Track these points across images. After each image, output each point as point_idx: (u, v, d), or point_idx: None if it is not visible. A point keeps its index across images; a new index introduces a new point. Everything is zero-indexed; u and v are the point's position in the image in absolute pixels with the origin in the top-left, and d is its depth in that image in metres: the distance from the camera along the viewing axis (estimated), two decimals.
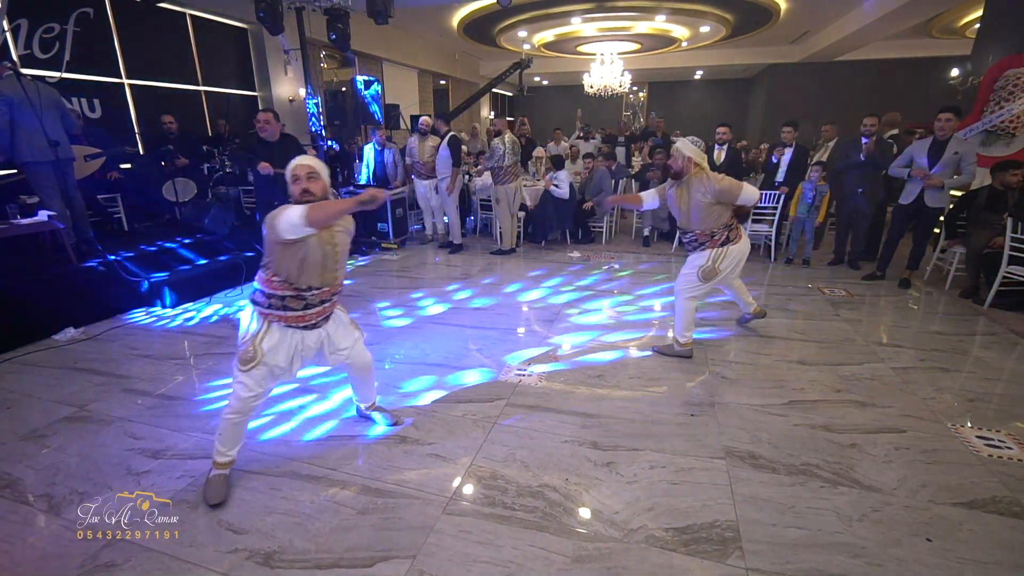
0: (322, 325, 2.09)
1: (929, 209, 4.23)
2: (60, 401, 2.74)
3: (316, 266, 1.91)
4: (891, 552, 1.74)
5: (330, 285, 2.01)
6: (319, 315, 2.03)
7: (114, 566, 1.69)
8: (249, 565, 1.69)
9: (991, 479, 2.09)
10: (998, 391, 2.82)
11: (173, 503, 1.97)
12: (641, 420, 2.54)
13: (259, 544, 1.78)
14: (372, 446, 2.35)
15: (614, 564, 1.70)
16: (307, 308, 1.97)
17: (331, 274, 1.99)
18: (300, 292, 1.93)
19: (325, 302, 2.02)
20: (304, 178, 1.90)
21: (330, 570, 1.68)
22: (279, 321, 1.95)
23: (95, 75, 5.76)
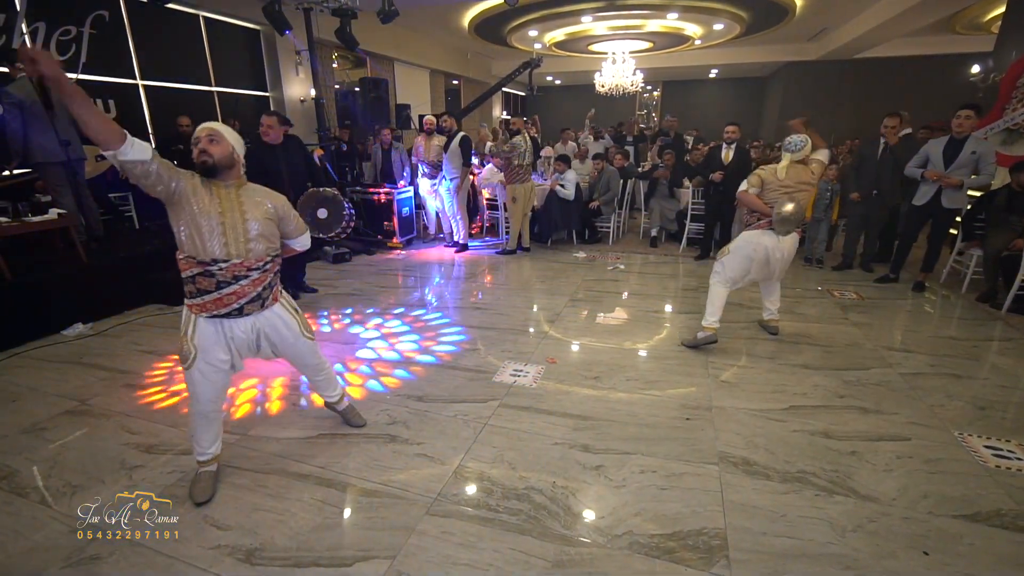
0: (251, 313, 1.93)
1: (944, 210, 4.09)
2: (63, 395, 2.80)
3: (214, 234, 1.78)
4: (885, 564, 1.68)
5: (241, 258, 1.84)
6: (237, 296, 1.86)
7: (98, 559, 1.71)
8: (230, 561, 1.70)
9: (997, 491, 2.01)
10: (1012, 399, 2.71)
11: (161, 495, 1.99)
12: (635, 423, 2.50)
13: (241, 540, 1.78)
14: (362, 444, 2.35)
15: (595, 570, 1.66)
16: (220, 288, 1.83)
17: (238, 245, 1.83)
18: (206, 267, 1.80)
19: (240, 279, 1.85)
20: (204, 139, 1.79)
21: (309, 568, 1.68)
22: (202, 312, 1.86)
23: (110, 76, 5.88)
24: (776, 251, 3.13)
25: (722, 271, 3.28)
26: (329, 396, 2.44)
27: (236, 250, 1.83)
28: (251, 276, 1.88)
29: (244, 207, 1.86)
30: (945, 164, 3.95)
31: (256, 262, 1.89)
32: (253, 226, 1.86)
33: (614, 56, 11.06)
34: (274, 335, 2.06)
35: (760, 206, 3.12)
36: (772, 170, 3.15)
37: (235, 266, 1.84)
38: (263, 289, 1.95)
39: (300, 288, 4.56)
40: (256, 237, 1.87)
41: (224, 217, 1.80)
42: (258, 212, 1.88)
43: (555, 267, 5.41)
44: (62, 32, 5.39)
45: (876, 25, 9.76)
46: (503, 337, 3.57)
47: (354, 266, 5.56)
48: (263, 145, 4.19)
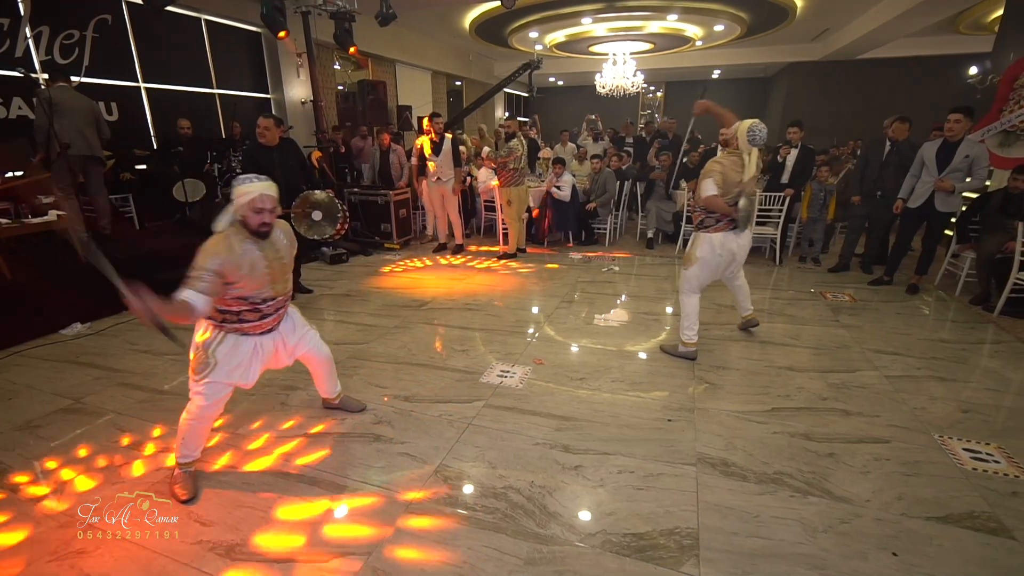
0: (277, 328, 2.14)
1: (938, 213, 4.09)
2: (58, 393, 2.86)
3: (266, 280, 1.96)
4: (852, 565, 1.70)
5: (283, 294, 2.07)
6: (276, 320, 2.10)
7: (84, 552, 1.76)
8: (210, 556, 1.75)
9: (971, 493, 2.02)
10: (995, 403, 2.72)
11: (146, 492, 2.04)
12: (617, 424, 2.53)
13: (223, 536, 1.83)
14: (346, 443, 2.39)
15: (566, 568, 1.69)
16: (264, 318, 2.03)
17: (282, 284, 2.05)
18: (256, 306, 1.98)
19: (280, 308, 2.09)
20: (268, 211, 1.91)
21: (286, 564, 1.72)
22: (235, 332, 2.00)
23: (113, 79, 5.97)
24: (741, 249, 3.12)
25: (692, 281, 3.19)
26: (332, 392, 2.57)
27: (282, 288, 2.05)
28: (288, 303, 2.14)
29: (280, 251, 2.02)
30: (939, 167, 3.95)
31: (291, 290, 2.12)
32: (288, 263, 2.07)
33: (615, 57, 11.07)
34: (290, 335, 2.23)
35: (725, 209, 3.00)
36: (734, 167, 2.96)
37: (280, 300, 2.06)
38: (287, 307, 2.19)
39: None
40: (291, 269, 2.10)
41: (271, 264, 1.97)
42: (289, 249, 2.08)
43: (550, 269, 5.44)
44: (65, 36, 5.49)
45: (878, 26, 9.71)
46: (493, 338, 3.60)
47: (351, 267, 5.61)
48: (259, 146, 4.25)
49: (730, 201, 2.98)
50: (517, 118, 5.63)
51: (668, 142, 7.25)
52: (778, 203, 5.31)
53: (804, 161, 5.25)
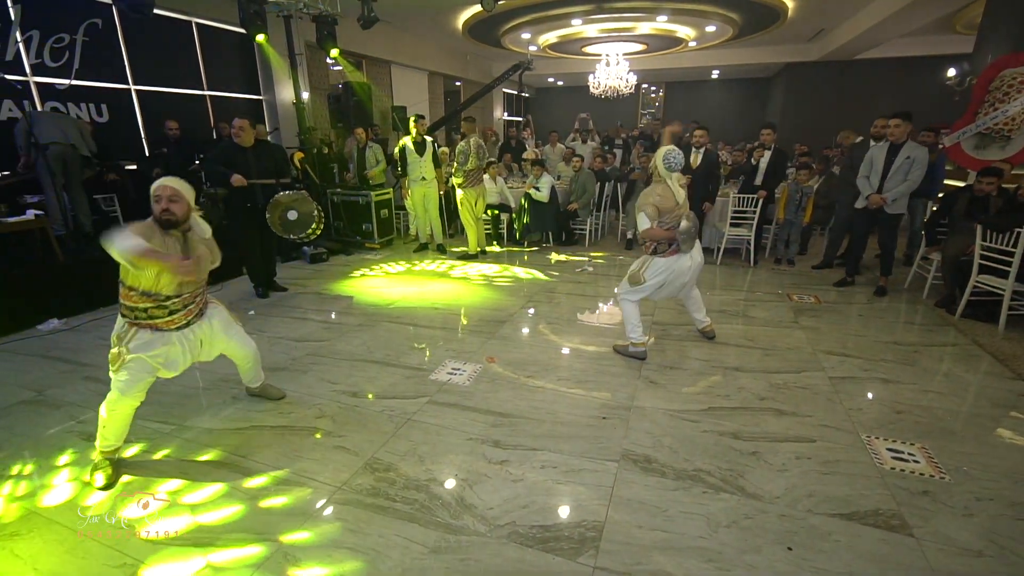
0: (194, 323, 2.21)
1: (888, 216, 4.13)
2: (23, 386, 2.98)
3: (172, 278, 2.02)
4: (745, 559, 1.75)
5: (190, 291, 2.13)
6: (187, 316, 2.16)
7: (17, 535, 1.86)
8: (135, 541, 1.84)
9: (882, 492, 2.06)
10: (932, 404, 2.74)
11: (85, 482, 2.14)
12: (552, 421, 2.59)
13: (153, 521, 1.92)
14: (285, 436, 2.48)
15: (468, 556, 1.77)
16: (172, 314, 2.10)
17: (189, 285, 2.10)
18: (161, 303, 2.05)
19: (189, 305, 2.15)
20: (165, 199, 2.00)
21: (206, 548, 1.81)
22: (147, 328, 2.09)
23: (103, 82, 6.12)
24: (694, 265, 3.17)
25: (635, 295, 3.22)
26: (254, 383, 2.70)
27: (188, 286, 2.10)
28: (197, 300, 2.19)
29: (196, 252, 2.09)
30: (885, 169, 3.98)
31: (200, 288, 2.17)
32: (204, 262, 2.12)
33: (608, 58, 11.10)
34: (211, 329, 2.31)
35: (666, 235, 3.04)
36: (666, 195, 3.02)
37: (187, 297, 2.12)
38: (202, 303, 2.25)
39: (271, 287, 4.72)
40: (204, 275, 2.16)
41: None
42: (205, 253, 2.14)
43: (521, 269, 5.50)
44: (55, 40, 5.63)
45: (873, 25, 9.66)
46: (452, 337, 3.68)
47: (330, 266, 5.72)
48: (234, 146, 4.36)
49: (671, 224, 3.03)
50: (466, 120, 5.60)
51: (652, 144, 7.27)
52: (752, 205, 5.34)
53: (777, 163, 5.27)
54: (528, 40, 11.40)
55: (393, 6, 7.47)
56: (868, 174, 4.16)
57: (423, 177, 5.79)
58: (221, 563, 1.74)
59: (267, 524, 1.91)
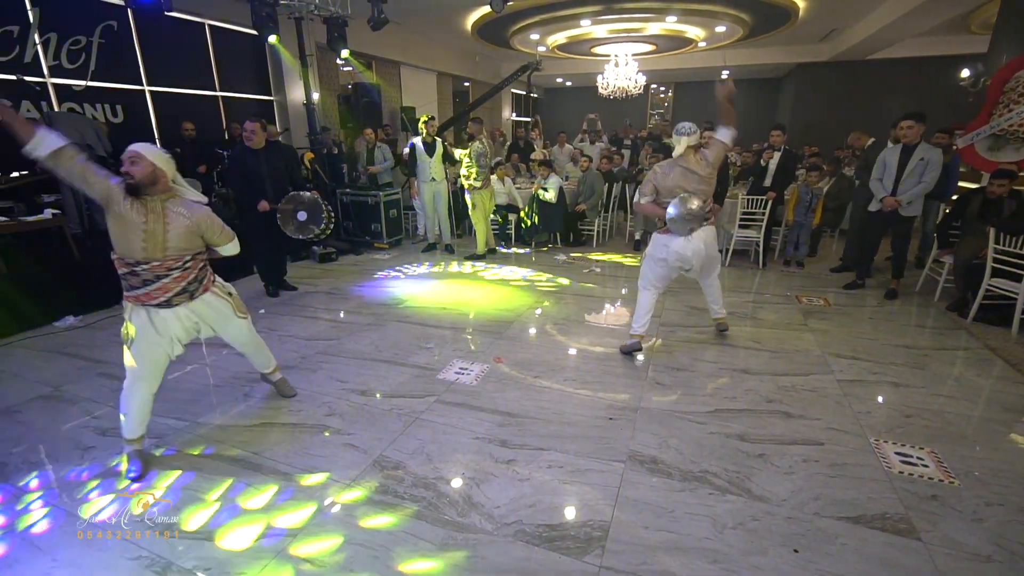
0: (178, 304, 2.19)
1: (902, 218, 4.09)
2: (41, 381, 3.05)
3: (136, 239, 2.02)
4: (751, 560, 1.76)
5: (159, 261, 2.07)
6: (163, 291, 2.11)
7: (36, 527, 1.91)
8: (149, 534, 1.88)
9: (890, 496, 2.06)
10: (942, 408, 2.72)
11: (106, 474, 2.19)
12: (559, 421, 2.61)
13: (164, 516, 1.96)
14: (296, 433, 2.51)
15: (475, 554, 1.79)
16: (146, 284, 2.08)
17: (156, 249, 2.06)
18: (131, 267, 2.05)
19: (162, 277, 2.09)
20: (127, 160, 2.02)
21: (218, 542, 1.85)
22: (135, 302, 2.14)
23: (118, 83, 6.22)
24: (687, 250, 3.10)
25: (644, 277, 3.34)
26: (265, 369, 2.74)
27: (154, 254, 2.07)
28: (172, 275, 2.14)
29: (167, 218, 2.09)
30: (899, 171, 3.95)
31: (174, 263, 2.13)
32: (172, 236, 2.10)
33: (616, 58, 11.08)
34: (210, 319, 2.36)
35: (652, 211, 3.13)
36: (665, 172, 3.07)
37: (155, 266, 2.09)
38: (188, 284, 2.20)
39: (281, 286, 4.77)
40: (174, 245, 2.11)
41: (148, 225, 2.04)
42: (179, 223, 2.12)
43: (529, 269, 5.51)
44: (72, 42, 5.74)
45: (885, 25, 9.56)
46: (458, 336, 3.71)
47: (340, 265, 5.77)
48: (246, 149, 4.41)
49: (665, 203, 3.07)
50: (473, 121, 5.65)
51: (661, 144, 7.26)
52: (761, 206, 5.31)
53: (786, 164, 5.24)
54: (537, 41, 11.41)
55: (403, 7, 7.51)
56: (881, 176, 4.13)
57: (432, 178, 5.82)
58: (231, 556, 1.78)
59: (278, 519, 1.94)
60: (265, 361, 2.71)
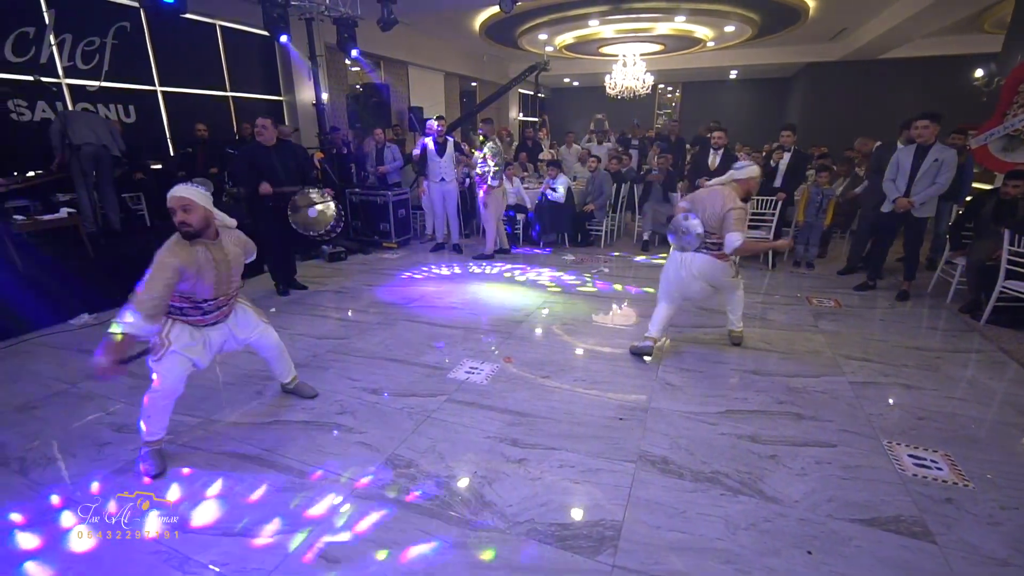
0: (223, 322, 2.31)
1: (914, 219, 4.06)
2: (57, 378, 3.09)
3: (211, 283, 2.11)
4: (764, 561, 1.75)
5: (225, 295, 2.21)
6: (218, 316, 2.26)
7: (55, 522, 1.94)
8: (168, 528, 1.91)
9: (904, 498, 2.05)
10: (955, 411, 2.70)
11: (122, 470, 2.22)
12: (569, 421, 2.61)
13: (182, 511, 1.99)
14: (309, 431, 2.53)
15: (488, 552, 1.80)
16: (205, 315, 2.19)
17: (225, 286, 2.19)
18: (197, 304, 2.14)
19: (222, 307, 2.24)
20: (179, 210, 2.03)
21: (236, 537, 1.87)
22: (182, 322, 2.18)
23: (131, 83, 6.30)
24: (682, 269, 3.17)
25: (660, 287, 3.40)
26: (286, 378, 2.76)
27: (223, 290, 2.19)
28: (230, 302, 2.29)
29: (228, 255, 2.18)
30: (913, 171, 3.92)
31: (235, 291, 2.28)
32: (236, 269, 2.23)
33: (624, 59, 11.06)
34: (239, 327, 2.41)
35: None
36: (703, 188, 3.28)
37: (221, 300, 2.22)
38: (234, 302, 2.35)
39: (291, 285, 4.81)
40: (238, 275, 2.25)
41: (218, 268, 2.12)
42: (238, 253, 2.24)
43: (538, 269, 5.52)
44: (87, 43, 5.81)
45: (896, 24, 9.49)
46: (469, 336, 3.72)
47: (348, 265, 5.81)
48: (258, 146, 4.45)
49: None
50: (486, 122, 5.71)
51: (669, 145, 7.24)
52: (771, 207, 5.29)
53: (797, 165, 5.22)
54: (545, 41, 11.41)
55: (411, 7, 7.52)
56: (895, 177, 4.10)
57: (443, 178, 5.84)
58: (247, 552, 1.80)
59: (295, 516, 1.96)
60: (286, 368, 2.74)
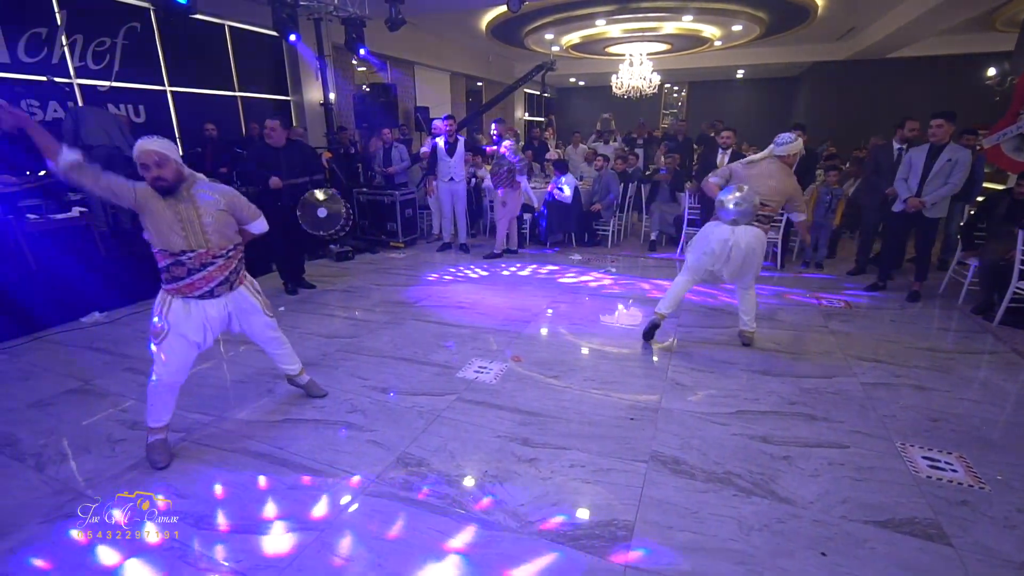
0: (220, 295, 2.26)
1: (926, 220, 4.02)
2: (70, 375, 3.12)
3: (175, 227, 2.07)
4: (778, 563, 1.74)
5: (203, 248, 2.13)
6: (207, 280, 2.18)
7: (72, 516, 1.96)
8: (180, 525, 1.92)
9: (919, 500, 2.03)
10: (969, 413, 2.68)
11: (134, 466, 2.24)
12: (579, 421, 2.61)
13: (193, 508, 2.00)
14: (320, 429, 2.54)
15: (500, 551, 1.80)
16: (191, 274, 2.14)
17: (197, 237, 2.12)
18: (176, 257, 2.10)
19: (207, 265, 2.16)
20: (153, 166, 2.00)
21: (247, 535, 1.88)
22: (177, 295, 2.18)
23: (140, 83, 6.34)
24: (729, 243, 3.09)
25: (687, 258, 3.41)
26: (290, 369, 2.74)
27: (196, 242, 2.13)
28: (216, 263, 2.21)
29: (198, 204, 2.14)
30: (925, 170, 3.89)
31: (219, 250, 2.20)
32: (207, 220, 2.15)
33: (631, 58, 11.04)
34: (241, 313, 2.41)
35: (713, 193, 3.23)
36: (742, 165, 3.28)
37: (201, 255, 2.15)
38: (230, 273, 2.28)
39: (299, 284, 4.83)
40: (212, 229, 2.16)
41: (182, 215, 2.09)
42: (210, 206, 2.16)
43: (546, 269, 5.51)
44: (97, 43, 5.86)
45: (907, 23, 9.40)
46: (477, 335, 3.72)
47: (356, 264, 5.82)
48: (266, 147, 4.48)
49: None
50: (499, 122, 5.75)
51: (676, 144, 7.22)
52: None
53: (806, 164, 5.18)
54: (551, 40, 11.41)
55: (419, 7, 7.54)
56: (907, 176, 4.06)
57: (451, 178, 5.85)
58: (260, 550, 1.80)
59: (306, 513, 1.97)
60: (290, 360, 2.72)
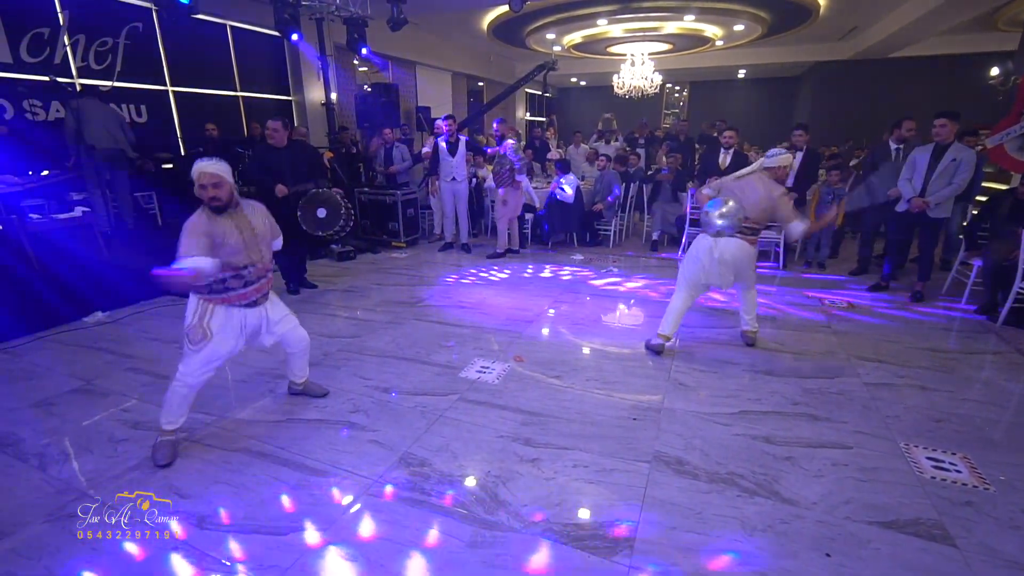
0: (261, 303, 2.37)
1: (930, 220, 4.01)
2: (73, 375, 3.12)
3: (240, 247, 2.20)
4: (781, 563, 1.74)
5: (260, 262, 2.29)
6: (258, 291, 2.32)
7: (74, 516, 1.96)
8: (184, 525, 1.92)
9: (923, 501, 2.02)
10: (973, 413, 2.67)
11: (136, 466, 2.24)
12: (581, 421, 2.61)
13: (196, 508, 2.00)
14: (322, 429, 2.54)
15: (504, 552, 1.79)
16: (247, 285, 2.26)
17: (256, 253, 2.27)
18: (239, 271, 2.21)
19: (261, 278, 2.32)
20: (210, 186, 2.13)
21: (250, 534, 1.88)
22: (221, 303, 2.24)
23: (142, 83, 6.35)
24: (715, 254, 3.08)
25: (679, 275, 3.37)
26: (299, 377, 2.77)
27: (255, 256, 2.27)
28: (268, 276, 2.37)
29: (251, 223, 2.27)
30: (929, 170, 3.88)
31: (270, 263, 2.37)
32: (263, 239, 2.32)
33: (632, 58, 11.03)
34: (273, 317, 2.47)
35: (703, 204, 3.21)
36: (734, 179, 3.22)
37: (259, 268, 2.29)
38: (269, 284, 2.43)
39: (301, 284, 4.83)
40: (264, 244, 2.33)
41: (242, 233, 2.22)
42: (263, 226, 2.33)
43: (548, 269, 5.51)
44: (100, 43, 5.87)
45: (909, 22, 9.39)
46: (479, 335, 3.72)
47: (357, 264, 5.82)
48: (269, 147, 4.47)
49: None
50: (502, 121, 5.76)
51: (674, 144, 7.21)
52: None
53: (809, 165, 5.18)
54: (552, 40, 11.41)
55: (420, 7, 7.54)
56: (910, 176, 4.05)
57: (454, 178, 5.84)
58: (261, 549, 1.80)
59: (311, 514, 1.97)
60: (303, 367, 2.75)
